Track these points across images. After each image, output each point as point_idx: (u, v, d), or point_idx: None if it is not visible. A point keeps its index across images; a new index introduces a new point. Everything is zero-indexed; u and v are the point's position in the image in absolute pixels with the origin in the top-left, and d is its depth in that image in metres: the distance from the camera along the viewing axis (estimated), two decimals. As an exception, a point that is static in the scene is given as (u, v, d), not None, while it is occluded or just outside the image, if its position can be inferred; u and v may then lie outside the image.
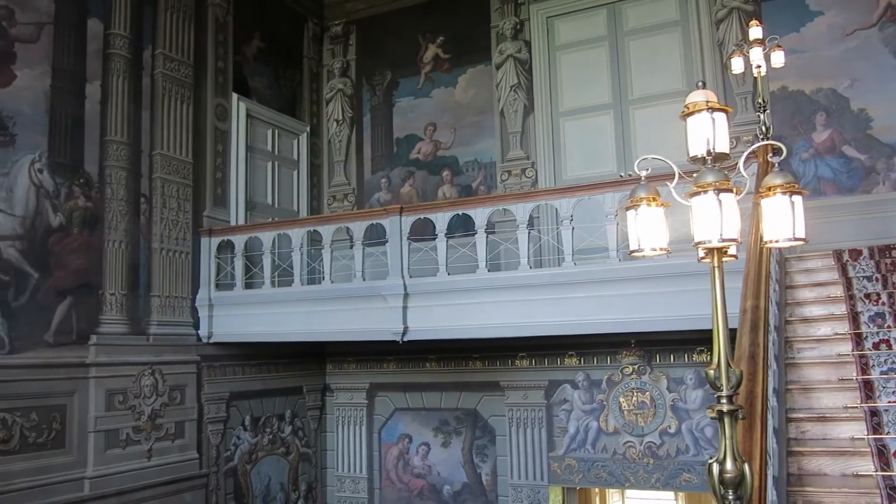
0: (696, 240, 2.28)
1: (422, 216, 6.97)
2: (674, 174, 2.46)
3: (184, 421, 7.34)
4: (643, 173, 2.45)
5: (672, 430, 7.54)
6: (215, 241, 7.76)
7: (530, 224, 6.58)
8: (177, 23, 7.69)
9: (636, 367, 7.77)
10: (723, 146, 2.34)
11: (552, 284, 6.30)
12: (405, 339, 6.85)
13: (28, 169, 6.16)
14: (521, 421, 8.22)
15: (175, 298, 7.41)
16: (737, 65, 6.88)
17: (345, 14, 10.02)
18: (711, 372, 2.42)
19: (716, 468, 2.41)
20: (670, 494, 10.06)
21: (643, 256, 2.43)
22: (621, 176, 7.47)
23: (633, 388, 7.77)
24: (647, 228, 2.40)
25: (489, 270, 6.61)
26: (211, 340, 7.67)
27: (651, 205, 2.39)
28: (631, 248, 2.46)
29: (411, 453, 8.83)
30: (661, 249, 2.39)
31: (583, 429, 7.91)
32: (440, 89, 9.34)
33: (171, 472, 7.14)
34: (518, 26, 8.80)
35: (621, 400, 7.80)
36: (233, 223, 8.12)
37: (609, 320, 6.18)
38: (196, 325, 7.62)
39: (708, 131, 2.33)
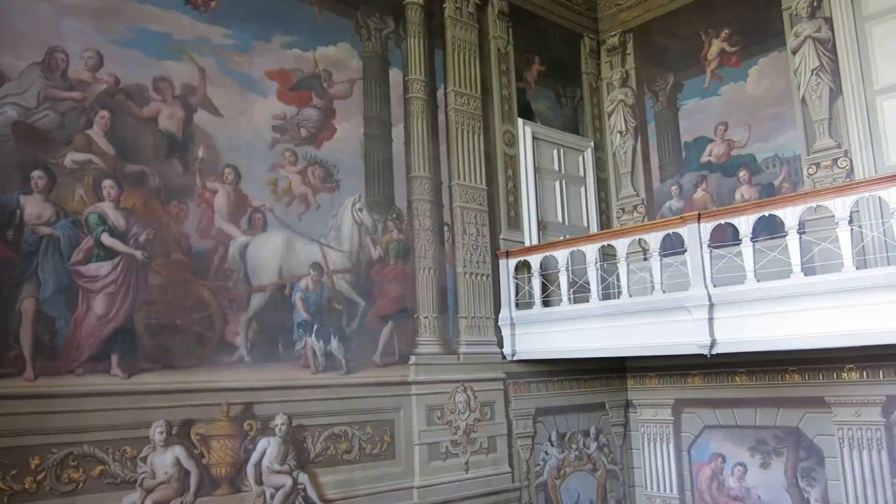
0: None
1: (722, 221, 6.57)
2: None
3: (495, 436, 7.69)
4: None
5: None
6: (512, 262, 8.06)
7: (850, 220, 5.87)
8: (463, 60, 8.21)
9: None
10: None
11: (885, 286, 5.54)
12: (713, 352, 6.49)
13: (350, 209, 6.96)
14: (855, 441, 7.30)
15: (479, 319, 7.83)
16: None
17: (620, 24, 9.90)
18: None
19: None
20: None
21: None
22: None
23: None
24: None
25: (805, 275, 6.02)
26: (514, 358, 7.95)
27: None
28: None
29: (726, 474, 8.29)
30: None
31: (936, 451, 6.83)
32: (729, 85, 8.77)
33: (486, 484, 7.49)
34: (815, 3, 7.95)
35: None
36: (527, 244, 8.39)
37: (964, 324, 5.28)
38: (500, 344, 7.96)
39: None
